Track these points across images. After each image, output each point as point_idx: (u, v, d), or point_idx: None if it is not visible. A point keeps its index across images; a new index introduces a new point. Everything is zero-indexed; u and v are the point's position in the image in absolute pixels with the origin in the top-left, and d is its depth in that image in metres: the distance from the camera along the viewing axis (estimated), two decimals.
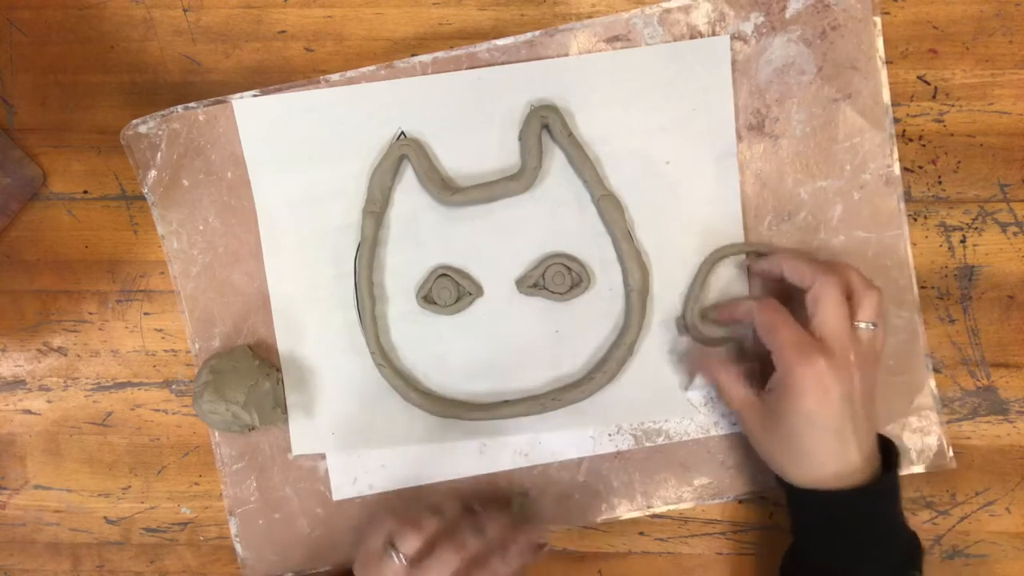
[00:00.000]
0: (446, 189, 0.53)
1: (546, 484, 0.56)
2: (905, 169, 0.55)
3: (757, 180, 0.54)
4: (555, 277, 0.54)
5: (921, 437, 0.54)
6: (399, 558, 0.46)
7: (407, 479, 0.56)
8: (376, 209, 0.54)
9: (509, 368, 0.55)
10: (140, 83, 0.57)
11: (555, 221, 0.54)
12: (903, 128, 0.55)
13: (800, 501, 0.49)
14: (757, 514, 0.57)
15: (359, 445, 0.56)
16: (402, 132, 0.54)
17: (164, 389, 0.58)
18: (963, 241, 0.55)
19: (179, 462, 0.59)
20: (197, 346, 0.56)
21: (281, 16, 0.56)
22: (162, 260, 0.57)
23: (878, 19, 0.52)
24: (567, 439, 0.56)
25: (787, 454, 0.47)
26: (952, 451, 0.54)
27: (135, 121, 0.54)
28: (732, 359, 0.53)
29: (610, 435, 0.56)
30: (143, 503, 0.59)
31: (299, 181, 0.55)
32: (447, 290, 0.54)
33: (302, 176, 0.55)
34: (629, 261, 0.53)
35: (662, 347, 0.55)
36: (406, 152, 0.53)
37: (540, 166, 0.53)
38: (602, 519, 0.56)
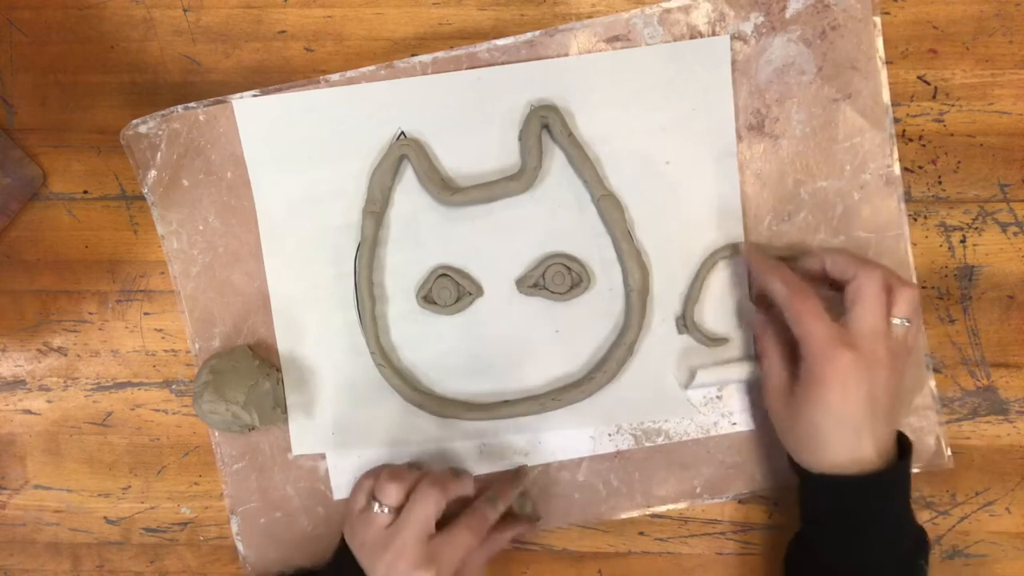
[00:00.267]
0: (446, 189, 0.53)
1: (546, 484, 0.56)
2: (905, 169, 0.55)
3: (757, 180, 0.54)
4: (555, 277, 0.54)
5: (920, 437, 0.54)
6: (382, 509, 0.48)
7: None
8: (376, 209, 0.54)
9: (509, 368, 0.55)
10: (140, 83, 0.57)
11: (555, 221, 0.54)
12: (903, 128, 0.55)
13: (811, 487, 0.49)
14: (757, 514, 0.57)
15: (359, 445, 0.56)
16: (402, 132, 0.54)
17: (164, 389, 0.58)
18: (963, 241, 0.55)
19: (179, 462, 0.59)
20: (197, 346, 0.56)
21: (281, 16, 0.56)
22: (162, 260, 0.57)
23: (878, 19, 0.52)
24: (567, 439, 0.56)
25: (803, 440, 0.48)
26: (950, 451, 0.54)
27: (135, 121, 0.54)
28: (777, 330, 0.51)
29: (610, 435, 0.56)
30: (143, 503, 0.59)
31: (299, 181, 0.55)
32: (447, 290, 0.54)
33: (302, 176, 0.55)
34: (629, 261, 0.53)
35: (662, 347, 0.55)
36: (406, 152, 0.53)
37: (540, 166, 0.53)
38: (602, 519, 0.56)
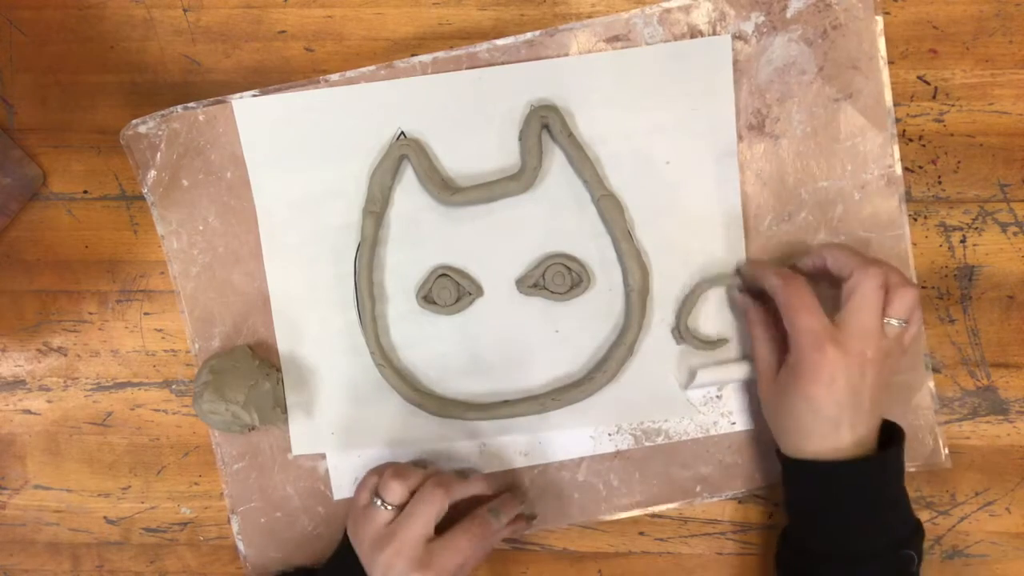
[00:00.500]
0: (446, 189, 0.53)
1: (546, 484, 0.56)
2: (905, 169, 0.55)
3: (757, 180, 0.54)
4: (555, 277, 0.54)
5: (918, 436, 0.54)
6: (384, 506, 0.49)
7: None
8: (376, 209, 0.54)
9: (509, 368, 0.55)
10: (140, 83, 0.57)
11: (555, 221, 0.54)
12: (903, 128, 0.55)
13: (791, 472, 0.50)
14: (757, 514, 0.57)
15: (359, 445, 0.56)
16: (402, 132, 0.54)
17: (164, 389, 0.58)
18: (963, 241, 0.55)
19: (179, 462, 0.59)
20: (197, 346, 0.56)
21: (281, 16, 0.56)
22: (162, 260, 0.57)
23: (879, 19, 0.52)
24: (567, 439, 0.56)
25: (785, 426, 0.49)
26: (948, 451, 0.54)
27: (135, 121, 0.54)
28: (769, 321, 0.51)
29: (610, 435, 0.56)
30: (143, 503, 0.59)
31: (299, 181, 0.55)
32: (447, 290, 0.54)
33: (302, 176, 0.55)
34: (629, 261, 0.53)
35: (662, 347, 0.55)
36: (406, 152, 0.53)
37: (540, 166, 0.53)
38: (602, 519, 0.56)
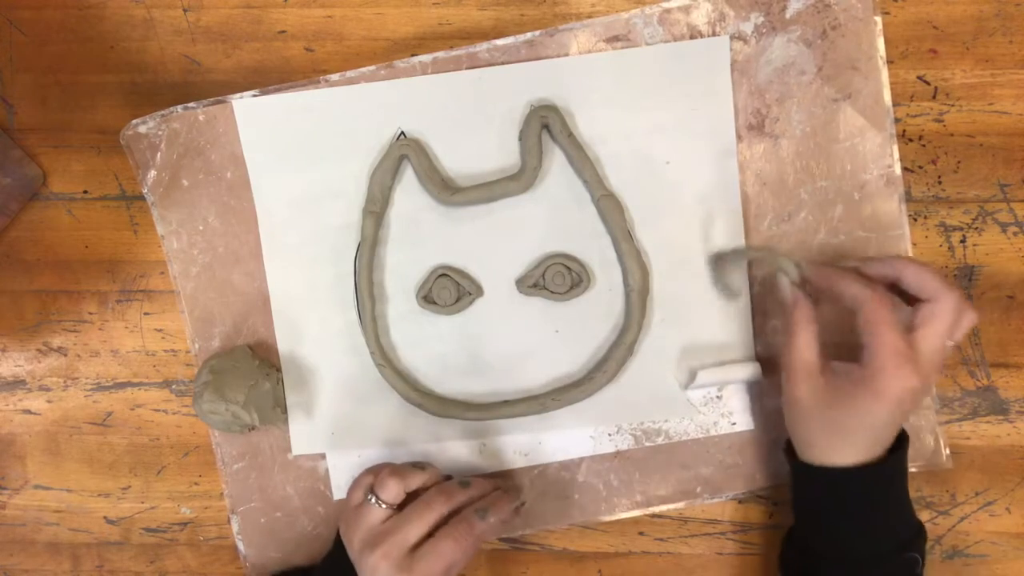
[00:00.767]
0: (446, 189, 0.53)
1: (546, 484, 0.56)
2: (905, 169, 0.55)
3: (757, 180, 0.54)
4: (555, 277, 0.54)
5: (919, 436, 0.54)
6: (379, 504, 0.48)
7: None
8: (376, 209, 0.54)
9: (509, 368, 0.55)
10: (140, 83, 0.57)
11: (555, 221, 0.54)
12: (903, 128, 0.55)
13: (805, 477, 0.49)
14: (757, 514, 0.57)
15: (359, 445, 0.56)
16: (402, 132, 0.54)
17: (164, 389, 0.58)
18: (963, 241, 0.55)
19: (179, 462, 0.59)
20: (197, 346, 0.56)
21: (281, 16, 0.56)
22: (162, 260, 0.57)
23: (879, 19, 0.52)
24: (567, 439, 0.56)
25: (819, 434, 0.47)
26: (948, 451, 0.54)
27: (135, 121, 0.54)
28: (815, 320, 0.49)
29: (610, 435, 0.56)
30: (143, 503, 0.59)
31: (299, 181, 0.55)
32: (447, 290, 0.54)
33: (302, 176, 0.55)
34: (629, 261, 0.53)
35: (662, 347, 0.55)
36: (406, 152, 0.53)
37: (540, 166, 0.53)
38: (602, 519, 0.56)
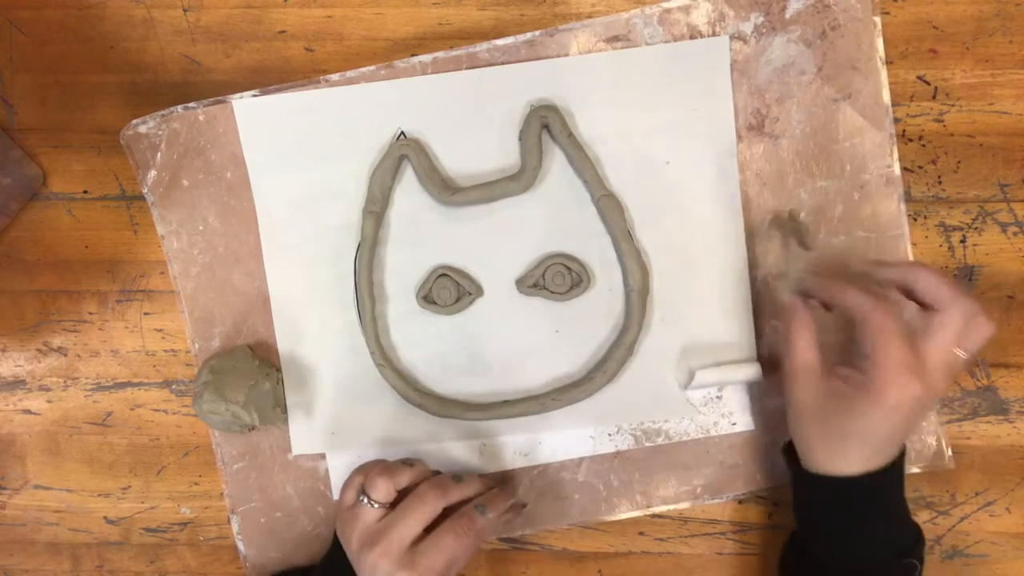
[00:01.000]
0: (446, 189, 0.53)
1: (546, 484, 0.56)
2: (905, 169, 0.55)
3: (757, 180, 0.54)
4: (555, 277, 0.54)
5: (920, 437, 0.54)
6: (371, 504, 0.48)
7: None
8: (376, 209, 0.54)
9: (509, 368, 0.55)
10: (140, 83, 0.57)
11: (555, 221, 0.54)
12: (903, 128, 0.55)
13: (807, 484, 0.49)
14: (757, 514, 0.57)
15: (359, 445, 0.56)
16: (402, 132, 0.54)
17: (164, 389, 0.58)
18: (963, 241, 0.55)
19: (179, 462, 0.59)
20: (197, 346, 0.56)
21: (281, 16, 0.56)
22: (162, 260, 0.57)
23: (878, 19, 0.52)
24: (567, 439, 0.56)
25: (820, 441, 0.47)
26: (951, 451, 0.54)
27: (135, 121, 0.54)
28: (814, 326, 0.48)
29: (610, 435, 0.56)
30: (143, 503, 0.59)
31: (299, 181, 0.55)
32: (447, 290, 0.54)
33: (302, 176, 0.55)
34: (629, 261, 0.53)
35: (662, 347, 0.55)
36: (406, 152, 0.53)
37: (540, 166, 0.53)
38: (602, 519, 0.56)
